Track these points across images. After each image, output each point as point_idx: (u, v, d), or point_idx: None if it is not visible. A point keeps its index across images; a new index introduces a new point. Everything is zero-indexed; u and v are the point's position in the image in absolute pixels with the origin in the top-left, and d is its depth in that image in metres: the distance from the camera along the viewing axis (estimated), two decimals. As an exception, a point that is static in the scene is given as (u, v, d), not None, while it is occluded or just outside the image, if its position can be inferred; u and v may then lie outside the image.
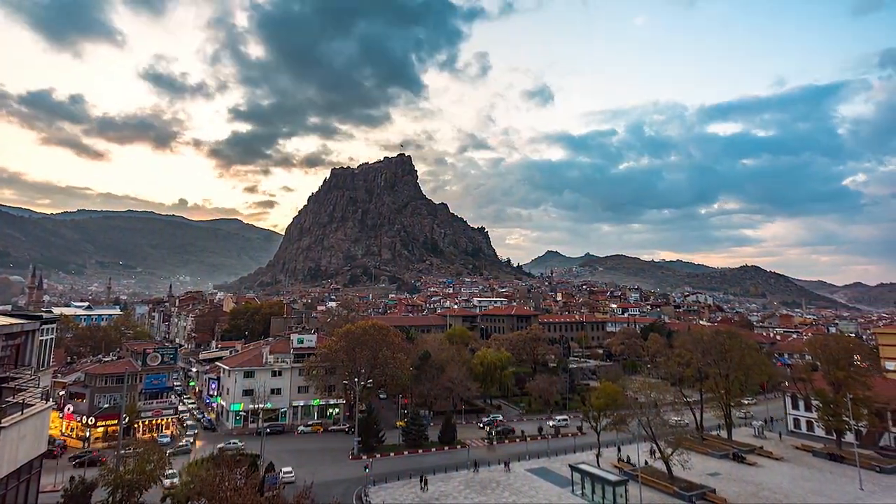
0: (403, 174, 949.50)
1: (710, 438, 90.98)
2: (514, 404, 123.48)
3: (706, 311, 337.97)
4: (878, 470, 74.99)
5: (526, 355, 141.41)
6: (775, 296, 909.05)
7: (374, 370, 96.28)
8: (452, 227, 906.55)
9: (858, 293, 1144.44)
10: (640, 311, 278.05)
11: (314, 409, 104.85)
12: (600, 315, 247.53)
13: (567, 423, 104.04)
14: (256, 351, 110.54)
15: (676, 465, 67.43)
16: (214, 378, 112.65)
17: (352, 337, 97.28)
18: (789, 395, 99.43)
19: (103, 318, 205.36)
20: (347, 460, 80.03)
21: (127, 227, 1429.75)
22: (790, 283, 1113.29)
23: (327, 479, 68.57)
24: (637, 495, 60.52)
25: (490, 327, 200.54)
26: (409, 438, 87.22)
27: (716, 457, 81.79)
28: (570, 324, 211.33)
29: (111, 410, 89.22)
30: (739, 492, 66.30)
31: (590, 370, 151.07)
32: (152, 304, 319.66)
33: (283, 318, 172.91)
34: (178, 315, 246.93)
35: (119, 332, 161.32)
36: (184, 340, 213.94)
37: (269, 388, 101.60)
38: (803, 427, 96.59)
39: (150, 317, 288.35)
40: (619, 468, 74.81)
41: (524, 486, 68.50)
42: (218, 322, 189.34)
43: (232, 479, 47.45)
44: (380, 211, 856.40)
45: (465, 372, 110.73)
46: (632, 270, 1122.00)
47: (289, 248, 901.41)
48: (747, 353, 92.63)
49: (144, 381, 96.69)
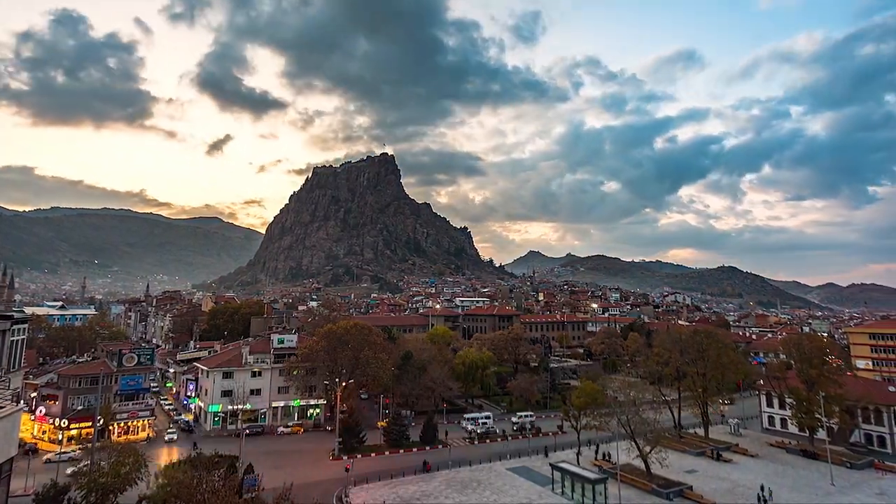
0: (387, 173, 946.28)
1: (688, 436, 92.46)
2: (495, 404, 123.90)
3: (684, 311, 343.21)
4: (849, 466, 77.03)
5: (507, 355, 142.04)
6: (751, 296, 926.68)
7: (355, 370, 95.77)
8: (435, 226, 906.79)
9: (831, 293, 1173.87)
10: (620, 310, 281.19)
11: (294, 410, 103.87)
12: (581, 315, 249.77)
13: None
14: (236, 351, 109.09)
15: (655, 462, 68.39)
16: (192, 379, 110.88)
17: (333, 337, 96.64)
18: (764, 393, 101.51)
19: (77, 318, 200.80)
20: (328, 461, 79.47)
21: (103, 224, 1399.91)
22: (766, 284, 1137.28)
23: (307, 481, 68.00)
24: (616, 493, 61.25)
25: (472, 327, 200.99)
26: (391, 439, 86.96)
27: (693, 454, 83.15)
28: (551, 323, 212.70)
29: (85, 412, 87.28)
30: (716, 489, 67.50)
31: (570, 369, 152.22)
32: (128, 304, 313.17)
33: (264, 318, 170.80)
34: (156, 315, 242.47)
35: (94, 333, 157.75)
36: (161, 341, 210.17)
37: (249, 389, 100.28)
38: (777, 424, 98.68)
39: (127, 317, 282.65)
40: (598, 466, 75.62)
41: (505, 484, 68.80)
42: (196, 322, 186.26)
43: (210, 481, 46.79)
44: (362, 210, 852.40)
45: (447, 371, 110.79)
46: (612, 271, 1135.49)
47: (270, 247, 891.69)
48: (724, 352, 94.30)
49: (120, 383, 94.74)
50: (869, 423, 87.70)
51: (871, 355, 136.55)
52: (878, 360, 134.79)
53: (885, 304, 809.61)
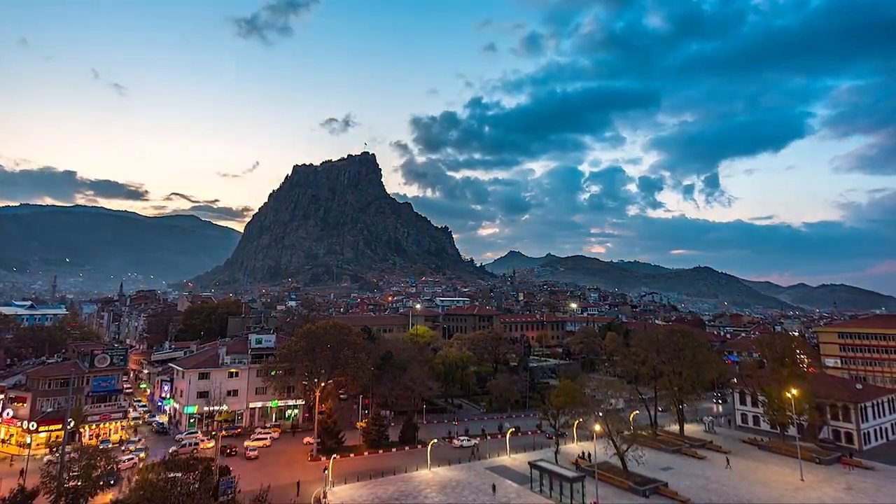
0: (368, 173, 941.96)
1: (664, 434, 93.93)
2: (475, 403, 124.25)
3: (661, 311, 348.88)
4: (818, 461, 79.18)
5: (487, 354, 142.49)
6: (726, 296, 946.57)
7: (334, 370, 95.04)
8: (416, 226, 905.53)
9: (802, 294, 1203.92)
10: (598, 310, 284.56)
11: (272, 411, 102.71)
12: (560, 315, 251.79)
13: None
14: (212, 351, 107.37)
15: (631, 460, 69.44)
16: (167, 380, 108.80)
17: (312, 337, 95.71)
18: (737, 391, 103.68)
19: (47, 318, 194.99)
20: (307, 462, 78.76)
21: (75, 222, 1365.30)
22: (740, 284, 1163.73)
23: (285, 482, 67.30)
24: (594, 491, 61.99)
25: (453, 326, 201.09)
26: (370, 439, 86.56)
27: (668, 452, 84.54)
28: (531, 323, 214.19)
29: (55, 415, 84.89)
30: (690, 485, 68.76)
31: (550, 369, 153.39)
32: (101, 304, 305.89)
33: (241, 318, 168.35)
34: (130, 315, 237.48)
35: (64, 333, 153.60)
36: (135, 341, 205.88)
37: (226, 390, 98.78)
38: (750, 422, 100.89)
39: (99, 317, 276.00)
40: (576, 465, 76.37)
41: (484, 483, 69.03)
42: (172, 322, 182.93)
43: (185, 483, 46.03)
44: (343, 209, 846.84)
45: (427, 371, 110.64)
46: (591, 271, 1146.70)
47: (248, 246, 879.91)
48: (699, 351, 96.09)
49: (92, 384, 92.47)
50: (837, 420, 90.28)
51: (840, 354, 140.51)
52: (846, 359, 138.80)
53: (853, 304, 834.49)
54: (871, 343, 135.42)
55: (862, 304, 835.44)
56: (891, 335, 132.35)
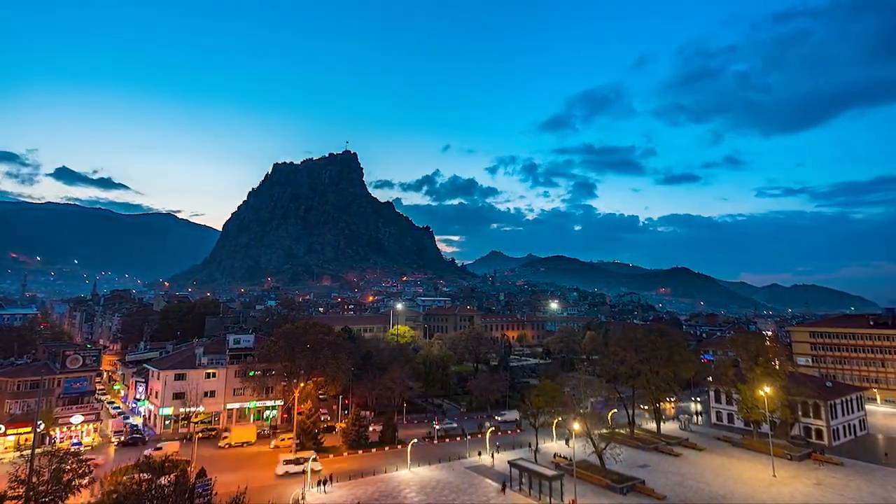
0: (349, 172, 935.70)
1: (641, 432, 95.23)
2: (455, 403, 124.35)
3: (639, 311, 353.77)
4: (790, 458, 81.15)
5: (468, 354, 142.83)
6: (702, 296, 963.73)
7: (314, 370, 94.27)
8: (397, 226, 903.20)
9: (775, 294, 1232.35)
10: (578, 310, 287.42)
11: (251, 412, 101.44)
12: (541, 314, 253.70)
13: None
14: (189, 352, 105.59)
15: (609, 458, 70.30)
16: (142, 381, 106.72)
17: (291, 337, 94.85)
18: (713, 389, 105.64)
19: (17, 318, 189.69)
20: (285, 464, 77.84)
21: (46, 219, 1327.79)
22: (716, 284, 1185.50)
23: (263, 484, 66.58)
24: (573, 489, 62.58)
25: (434, 326, 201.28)
26: (349, 440, 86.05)
27: (645, 450, 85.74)
28: (511, 322, 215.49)
29: (24, 417, 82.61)
30: (666, 482, 69.85)
31: (530, 368, 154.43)
32: (73, 303, 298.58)
33: (219, 318, 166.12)
34: (104, 315, 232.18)
35: (35, 333, 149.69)
36: (109, 342, 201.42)
37: (203, 391, 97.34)
38: (725, 419, 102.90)
39: (72, 317, 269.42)
40: (555, 463, 77.02)
41: (464, 483, 69.19)
42: (147, 322, 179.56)
43: (159, 487, 45.16)
44: (324, 208, 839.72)
45: (408, 371, 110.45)
46: (572, 271, 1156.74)
47: (226, 244, 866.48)
48: (676, 350, 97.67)
49: (63, 386, 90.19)
50: (808, 417, 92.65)
51: (811, 353, 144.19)
52: (817, 357, 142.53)
53: (824, 303, 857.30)
54: (841, 342, 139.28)
55: (833, 304, 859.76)
56: (858, 334, 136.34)
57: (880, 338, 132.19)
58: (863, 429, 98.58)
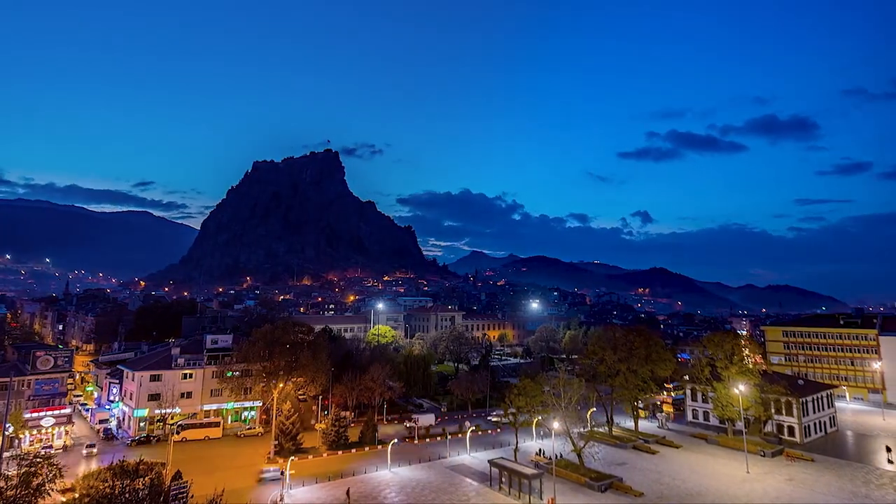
0: (331, 171, 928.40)
1: (619, 430, 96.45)
2: (436, 403, 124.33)
3: (618, 311, 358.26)
4: (763, 454, 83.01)
5: (449, 353, 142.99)
6: (680, 296, 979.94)
7: (293, 371, 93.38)
8: (379, 225, 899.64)
9: (751, 294, 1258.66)
10: (558, 310, 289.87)
11: (228, 413, 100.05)
12: (521, 314, 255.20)
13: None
14: (165, 352, 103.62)
15: (588, 456, 71.05)
16: (116, 382, 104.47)
17: (271, 337, 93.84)
18: (689, 388, 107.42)
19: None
20: (263, 465, 77.02)
21: (16, 216, 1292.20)
22: (693, 285, 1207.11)
23: (241, 486, 65.74)
24: (552, 487, 63.08)
25: (415, 326, 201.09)
26: (329, 440, 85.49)
27: (624, 447, 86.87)
28: (492, 322, 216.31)
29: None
30: (643, 479, 70.88)
31: (511, 367, 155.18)
32: (45, 303, 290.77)
33: (197, 318, 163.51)
34: (76, 314, 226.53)
35: (4, 333, 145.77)
36: (82, 342, 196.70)
37: (179, 392, 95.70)
38: (700, 417, 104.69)
39: (43, 316, 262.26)
40: (535, 462, 77.57)
41: (444, 482, 69.25)
42: (122, 322, 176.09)
43: (133, 490, 44.29)
44: (304, 207, 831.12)
45: (389, 371, 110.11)
46: (552, 271, 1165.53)
47: (204, 243, 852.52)
48: (654, 349, 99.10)
49: (34, 387, 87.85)
50: (781, 415, 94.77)
51: (784, 351, 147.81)
52: (790, 356, 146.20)
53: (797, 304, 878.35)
54: (812, 341, 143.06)
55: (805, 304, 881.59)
56: (829, 333, 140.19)
57: (850, 337, 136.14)
58: (833, 426, 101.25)
